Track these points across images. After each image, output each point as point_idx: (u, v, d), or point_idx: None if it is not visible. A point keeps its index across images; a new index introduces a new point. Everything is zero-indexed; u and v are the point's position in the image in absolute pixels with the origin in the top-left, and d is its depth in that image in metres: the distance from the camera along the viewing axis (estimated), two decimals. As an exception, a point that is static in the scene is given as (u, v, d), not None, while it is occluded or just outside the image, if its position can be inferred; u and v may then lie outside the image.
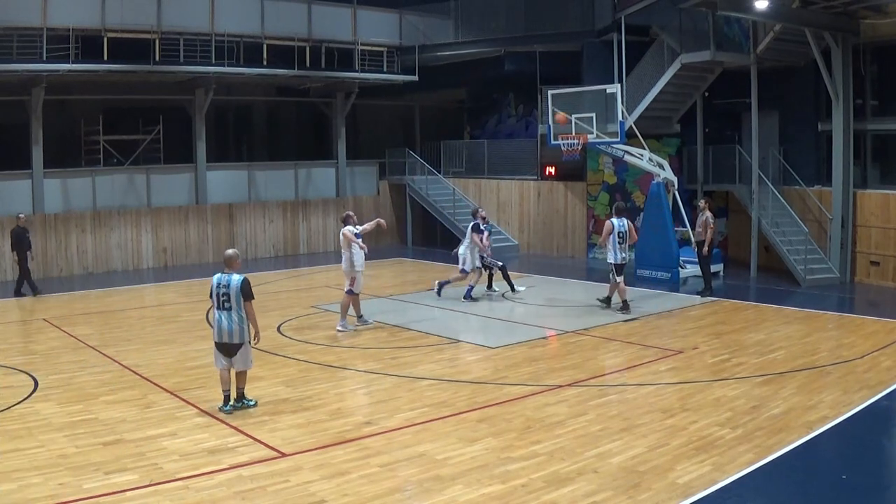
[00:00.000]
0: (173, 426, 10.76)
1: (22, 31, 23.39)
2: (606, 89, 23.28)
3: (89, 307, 20.12)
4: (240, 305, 11.23)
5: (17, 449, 9.83)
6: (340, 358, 14.54)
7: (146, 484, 8.78)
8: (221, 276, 11.40)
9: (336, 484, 8.79)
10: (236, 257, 11.68)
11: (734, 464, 9.23)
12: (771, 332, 16.43)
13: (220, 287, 11.30)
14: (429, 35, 31.68)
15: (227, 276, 11.35)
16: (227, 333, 11.25)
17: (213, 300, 11.40)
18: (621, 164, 25.70)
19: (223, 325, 11.27)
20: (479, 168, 32.75)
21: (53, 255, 25.42)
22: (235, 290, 11.21)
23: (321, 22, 29.45)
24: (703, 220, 20.20)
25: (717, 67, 24.68)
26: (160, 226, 27.52)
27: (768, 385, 12.41)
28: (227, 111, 32.88)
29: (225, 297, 11.25)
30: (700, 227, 20.34)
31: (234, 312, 11.22)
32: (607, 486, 8.69)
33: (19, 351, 15.17)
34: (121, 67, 25.10)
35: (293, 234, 30.54)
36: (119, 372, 13.67)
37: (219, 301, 11.30)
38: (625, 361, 14.18)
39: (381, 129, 36.63)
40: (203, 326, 17.17)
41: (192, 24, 26.35)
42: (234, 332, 11.25)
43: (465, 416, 11.15)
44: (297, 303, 20.16)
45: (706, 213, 20.23)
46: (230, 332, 11.24)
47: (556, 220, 29.42)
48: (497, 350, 15.07)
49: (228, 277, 11.32)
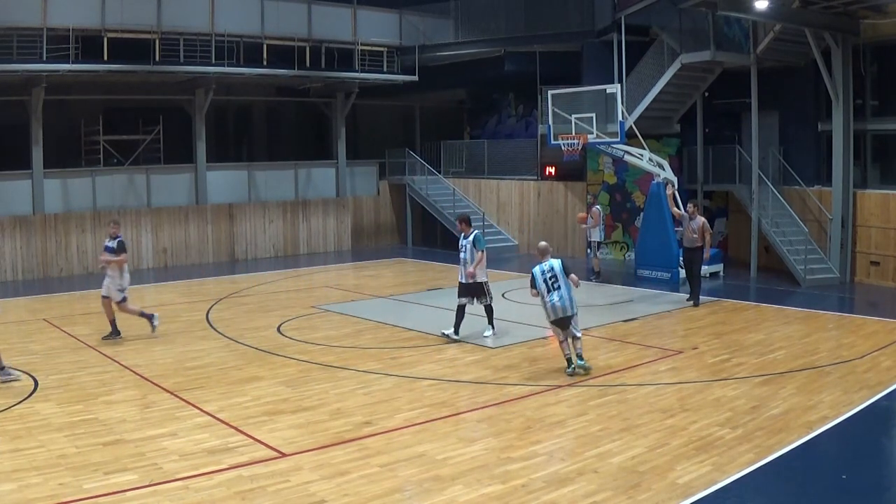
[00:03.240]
0: (173, 426, 10.75)
1: (22, 32, 23.38)
2: (606, 89, 23.25)
3: (89, 307, 20.07)
4: (566, 281, 13.21)
5: (17, 449, 9.82)
6: (340, 358, 14.53)
7: (146, 484, 8.78)
8: (541, 265, 13.47)
9: (336, 484, 8.79)
10: (549, 248, 14.04)
11: (734, 464, 9.23)
12: (771, 332, 16.43)
13: (545, 274, 13.35)
14: (429, 35, 31.67)
15: (547, 263, 13.46)
16: (562, 308, 13.10)
17: (543, 287, 13.28)
18: (621, 164, 25.70)
19: (558, 303, 13.13)
20: (479, 168, 32.79)
21: (53, 255, 25.42)
22: (559, 270, 13.31)
23: (321, 22, 29.43)
24: (698, 224, 19.09)
25: (716, 67, 24.69)
26: (160, 226, 27.52)
27: (768, 385, 12.41)
28: (227, 111, 32.86)
29: (553, 279, 13.25)
30: (695, 234, 19.13)
31: (563, 289, 13.15)
32: (607, 486, 8.69)
33: (19, 351, 15.13)
34: (121, 67, 25.08)
35: (293, 235, 30.53)
36: (119, 372, 13.66)
37: (548, 286, 13.25)
38: (625, 361, 14.15)
39: (381, 130, 36.63)
40: (203, 326, 17.17)
41: (191, 25, 26.33)
42: (568, 306, 13.11)
43: (465, 417, 11.17)
44: (298, 303, 20.16)
45: (698, 218, 19.30)
46: (565, 307, 13.10)
47: (556, 221, 29.41)
48: (497, 350, 15.06)
49: (549, 263, 13.43)
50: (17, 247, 24.85)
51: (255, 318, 18.33)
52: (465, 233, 15.93)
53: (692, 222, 19.18)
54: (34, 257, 25.13)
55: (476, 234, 15.90)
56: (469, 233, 15.87)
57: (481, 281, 15.74)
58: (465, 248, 15.77)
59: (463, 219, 16.30)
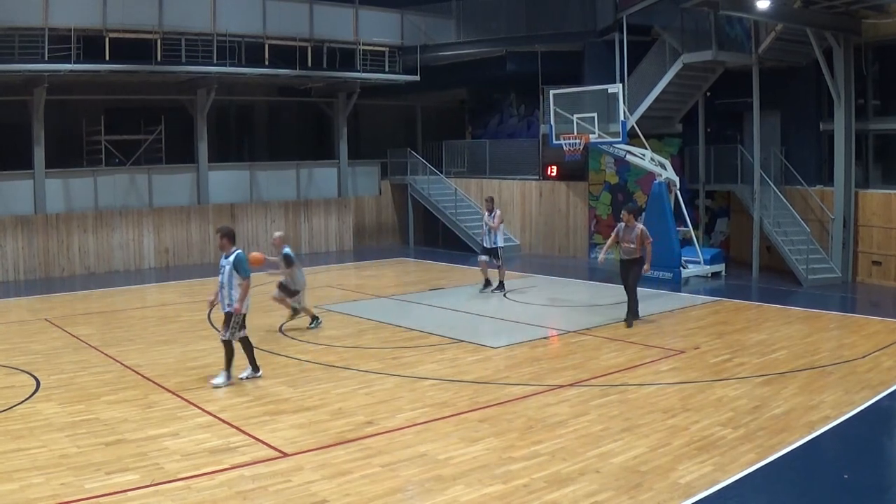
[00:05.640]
0: (175, 426, 10.75)
1: (23, 32, 23.36)
2: (608, 89, 23.22)
3: (91, 307, 20.12)
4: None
5: (19, 449, 9.82)
6: (342, 358, 14.53)
7: (148, 484, 8.77)
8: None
9: (337, 484, 8.78)
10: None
11: (736, 464, 9.21)
12: (772, 332, 16.40)
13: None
14: (430, 35, 31.65)
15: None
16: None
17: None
18: (623, 163, 25.70)
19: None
20: (481, 168, 32.77)
21: (55, 254, 25.43)
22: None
23: (323, 22, 29.41)
24: (636, 233, 16.80)
25: (718, 67, 24.68)
26: (162, 226, 27.53)
27: (770, 385, 12.40)
28: (228, 111, 32.86)
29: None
30: (632, 244, 16.83)
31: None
32: (609, 486, 8.67)
33: (21, 351, 15.15)
34: (122, 68, 25.06)
35: (295, 234, 30.50)
36: (120, 372, 13.66)
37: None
38: (626, 361, 14.13)
39: (382, 129, 36.58)
40: (204, 326, 17.17)
41: (193, 25, 26.30)
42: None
43: (467, 416, 11.13)
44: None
45: (637, 226, 16.89)
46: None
47: (558, 220, 29.41)
48: (498, 350, 15.07)
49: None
50: (18, 247, 24.84)
51: (257, 318, 18.28)
52: (226, 251, 12.79)
53: (629, 231, 16.96)
54: (36, 257, 25.13)
55: (238, 255, 12.71)
56: (231, 251, 12.74)
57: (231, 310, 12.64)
58: (224, 270, 12.66)
59: (225, 232, 12.94)
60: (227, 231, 12.94)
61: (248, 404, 11.76)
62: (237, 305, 12.53)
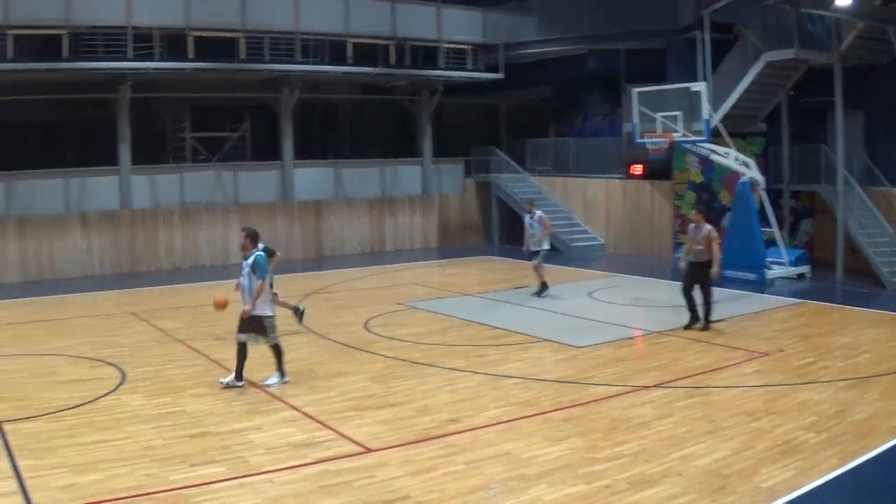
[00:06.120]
0: (259, 420, 10.79)
1: (107, 30, 23.77)
2: (691, 87, 22.88)
3: (177, 302, 20.35)
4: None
5: (105, 440, 9.93)
6: (427, 355, 14.46)
7: (231, 476, 8.79)
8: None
9: (421, 480, 8.71)
10: None
11: (818, 469, 9.00)
12: (857, 335, 15.94)
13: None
14: (512, 33, 31.45)
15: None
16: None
17: None
18: (708, 163, 25.26)
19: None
20: (565, 166, 32.54)
21: (142, 250, 25.85)
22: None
23: (405, 20, 29.47)
24: (703, 234, 16.03)
25: (801, 65, 23.96)
26: (247, 222, 27.64)
27: (853, 389, 12.06)
28: (312, 109, 33.05)
29: None
30: (700, 245, 16.01)
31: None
32: (692, 488, 8.52)
33: (107, 344, 15.37)
34: (206, 66, 25.42)
35: (379, 232, 30.61)
36: (206, 366, 13.78)
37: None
38: (711, 363, 13.85)
39: (466, 127, 36.54)
40: (290, 322, 17.17)
41: (276, 23, 26.54)
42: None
43: (551, 416, 11.00)
44: (384, 300, 20.14)
45: (704, 226, 16.06)
46: None
47: (643, 219, 29.05)
48: (583, 349, 14.86)
49: None
50: (105, 242, 25.29)
51: (342, 314, 18.38)
52: (248, 252, 12.61)
53: (698, 231, 16.18)
54: (122, 252, 25.56)
55: (258, 257, 12.50)
56: (251, 252, 12.59)
57: (262, 314, 12.54)
58: (244, 271, 12.54)
59: (249, 233, 12.74)
60: (252, 232, 12.73)
61: (333, 400, 11.75)
62: (247, 307, 12.39)
